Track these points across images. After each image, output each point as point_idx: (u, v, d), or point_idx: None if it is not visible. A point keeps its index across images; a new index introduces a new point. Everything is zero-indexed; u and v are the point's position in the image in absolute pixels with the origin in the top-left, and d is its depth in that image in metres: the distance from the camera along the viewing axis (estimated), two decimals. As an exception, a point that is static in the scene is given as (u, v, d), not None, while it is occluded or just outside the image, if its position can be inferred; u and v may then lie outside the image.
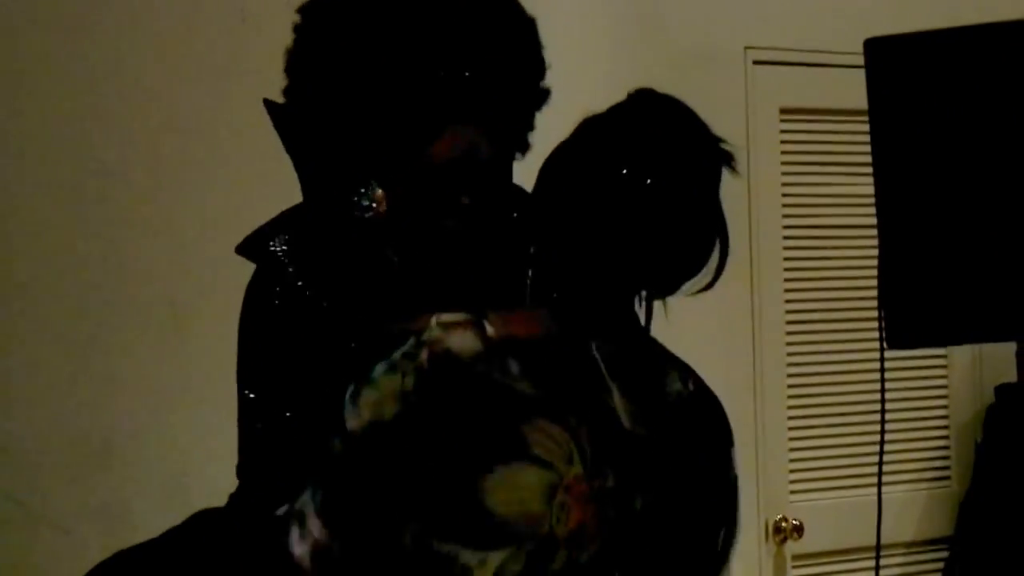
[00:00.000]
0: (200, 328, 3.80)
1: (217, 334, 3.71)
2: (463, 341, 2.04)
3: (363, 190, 2.20)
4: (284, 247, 2.21)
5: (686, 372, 2.29)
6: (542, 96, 2.39)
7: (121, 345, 3.75)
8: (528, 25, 2.32)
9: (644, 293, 2.27)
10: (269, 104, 2.27)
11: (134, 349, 3.75)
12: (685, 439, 2.27)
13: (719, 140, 2.29)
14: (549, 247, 2.19)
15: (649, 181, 2.19)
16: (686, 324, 4.36)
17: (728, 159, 2.28)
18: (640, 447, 2.16)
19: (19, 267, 3.69)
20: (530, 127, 2.38)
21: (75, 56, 3.72)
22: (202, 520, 2.20)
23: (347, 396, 1.98)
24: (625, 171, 2.17)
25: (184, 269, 3.80)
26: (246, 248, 2.30)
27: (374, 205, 2.20)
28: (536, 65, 2.35)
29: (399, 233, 2.21)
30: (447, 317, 2.04)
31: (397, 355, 2.00)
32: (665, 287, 2.27)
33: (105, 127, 3.75)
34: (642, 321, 2.26)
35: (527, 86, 2.33)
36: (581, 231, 2.16)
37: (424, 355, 2.00)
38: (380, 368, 1.99)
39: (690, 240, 2.26)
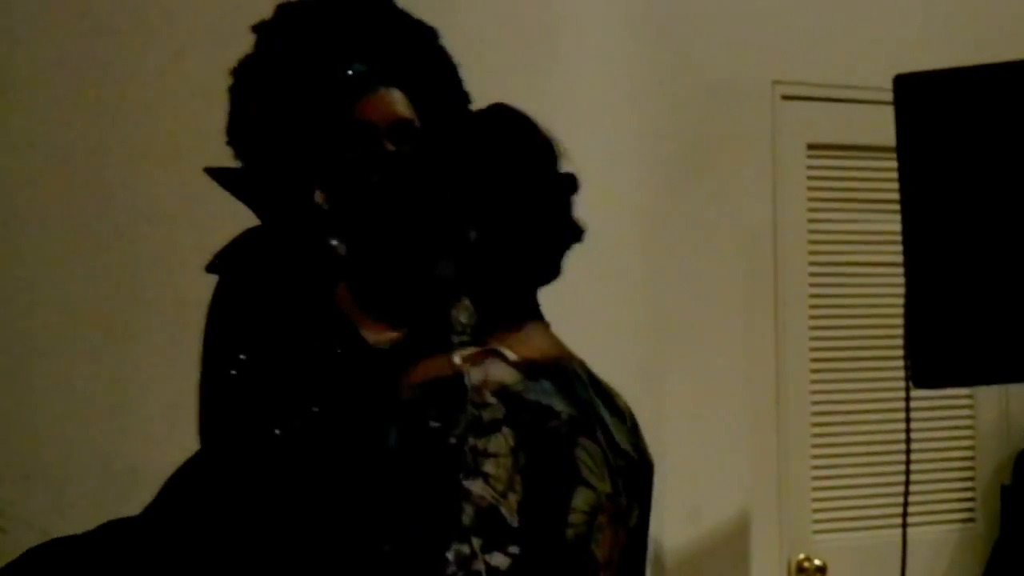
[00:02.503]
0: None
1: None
2: (503, 373, 2.05)
3: (309, 196, 2.35)
4: (245, 262, 2.36)
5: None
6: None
7: (149, 371, 3.73)
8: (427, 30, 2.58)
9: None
10: (212, 172, 2.45)
11: (164, 375, 3.73)
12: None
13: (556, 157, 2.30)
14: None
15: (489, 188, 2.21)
16: (711, 360, 4.39)
17: (569, 180, 2.28)
18: (634, 465, 2.16)
19: (43, 288, 3.68)
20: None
21: (89, 56, 3.72)
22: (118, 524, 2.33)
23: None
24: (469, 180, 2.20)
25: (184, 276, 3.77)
26: (212, 266, 2.42)
27: (316, 203, 2.35)
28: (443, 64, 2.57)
29: (339, 218, 2.35)
30: (466, 352, 2.07)
31: (485, 415, 2.01)
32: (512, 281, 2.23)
33: (119, 129, 3.74)
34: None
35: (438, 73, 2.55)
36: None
37: (492, 401, 2.02)
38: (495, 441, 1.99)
39: (541, 243, 2.24)
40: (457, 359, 2.08)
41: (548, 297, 2.86)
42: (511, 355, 2.09)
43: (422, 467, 1.97)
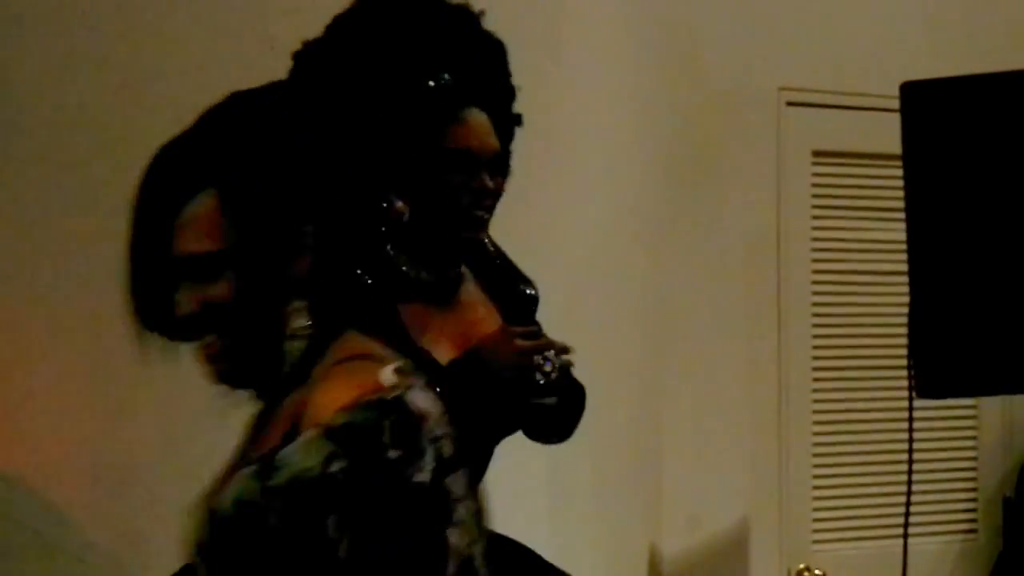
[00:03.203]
0: None
1: None
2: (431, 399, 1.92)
3: (384, 204, 2.28)
4: None
5: None
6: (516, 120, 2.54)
7: (139, 368, 3.68)
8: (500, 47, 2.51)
9: None
10: None
11: (153, 372, 3.67)
12: None
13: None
14: None
15: None
16: (713, 367, 4.37)
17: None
18: None
19: (33, 286, 3.63)
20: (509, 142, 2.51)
21: (93, 77, 3.71)
22: None
23: None
24: None
25: None
26: None
27: (396, 215, 2.29)
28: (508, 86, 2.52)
29: (420, 242, 2.32)
30: (395, 367, 1.77)
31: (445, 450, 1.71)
32: None
33: (120, 144, 3.70)
34: None
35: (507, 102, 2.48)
36: None
37: (446, 432, 1.85)
38: None
39: None
40: (389, 376, 1.72)
41: (553, 304, 2.84)
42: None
43: (405, 517, 1.64)
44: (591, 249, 4.03)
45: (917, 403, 3.09)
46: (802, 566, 4.46)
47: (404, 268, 2.36)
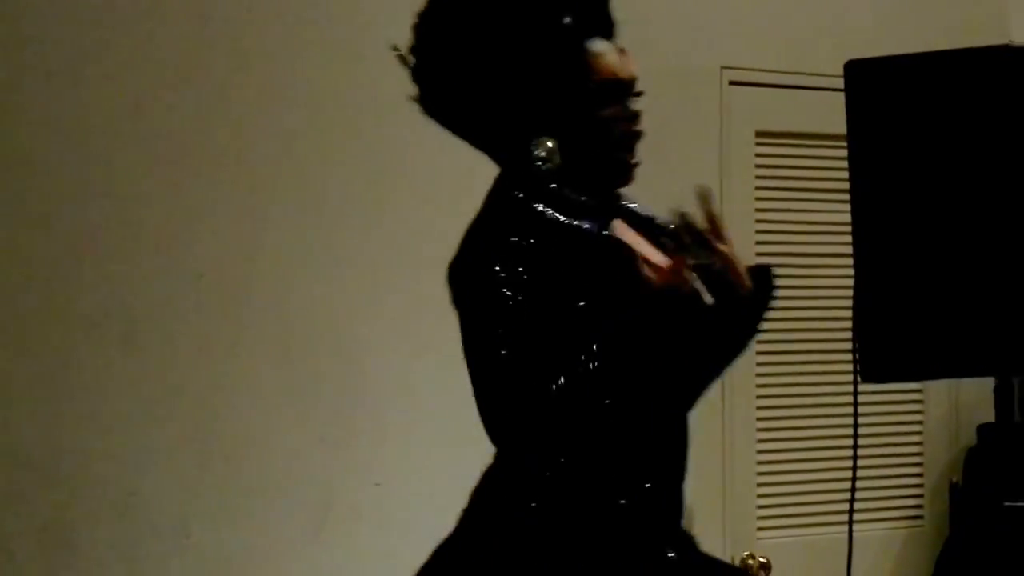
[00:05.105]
0: (153, 346, 3.74)
1: (170, 352, 3.75)
2: None
3: (535, 148, 2.42)
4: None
5: None
6: None
7: (70, 362, 3.67)
8: None
9: None
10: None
11: (84, 366, 3.68)
12: None
13: None
14: None
15: None
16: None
17: None
18: None
19: (43, 291, 3.66)
20: None
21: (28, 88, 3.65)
22: None
23: None
24: None
25: (137, 286, 3.74)
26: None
27: (548, 156, 2.43)
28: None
29: (579, 172, 2.45)
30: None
31: None
32: None
33: (63, 146, 3.68)
34: None
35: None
36: None
37: None
38: None
39: None
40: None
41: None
42: None
43: None
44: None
45: (862, 388, 3.04)
46: (746, 554, 4.43)
47: (569, 195, 2.46)
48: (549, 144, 2.44)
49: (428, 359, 3.86)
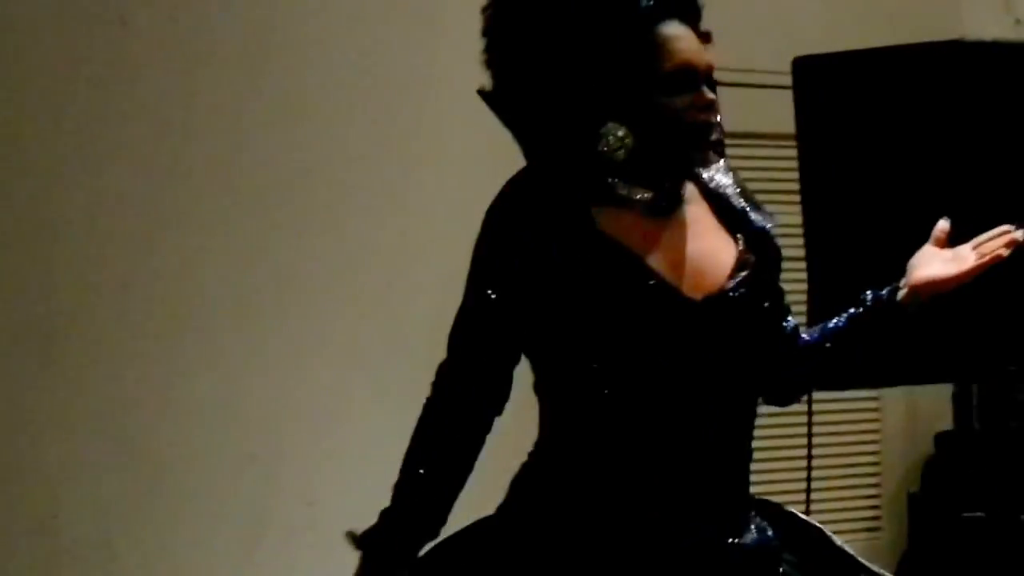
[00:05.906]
0: (74, 358, 3.69)
1: (92, 365, 3.69)
2: None
3: (606, 134, 2.35)
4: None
5: None
6: None
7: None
8: None
9: None
10: (486, 95, 2.46)
11: (1, 380, 3.63)
12: None
13: None
14: None
15: None
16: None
17: None
18: None
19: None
20: None
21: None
22: None
23: None
24: None
25: (57, 296, 3.69)
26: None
27: (620, 143, 2.35)
28: None
29: (645, 164, 2.36)
30: None
31: None
32: None
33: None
34: None
35: None
36: None
37: None
38: None
39: None
40: None
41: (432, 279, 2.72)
42: None
43: None
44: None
45: (816, 395, 3.01)
46: (699, 567, 4.39)
47: (620, 193, 2.40)
48: (619, 132, 2.35)
49: (361, 375, 3.83)
